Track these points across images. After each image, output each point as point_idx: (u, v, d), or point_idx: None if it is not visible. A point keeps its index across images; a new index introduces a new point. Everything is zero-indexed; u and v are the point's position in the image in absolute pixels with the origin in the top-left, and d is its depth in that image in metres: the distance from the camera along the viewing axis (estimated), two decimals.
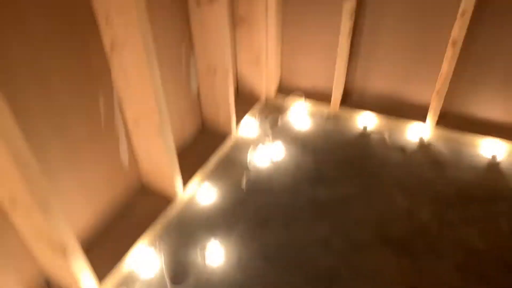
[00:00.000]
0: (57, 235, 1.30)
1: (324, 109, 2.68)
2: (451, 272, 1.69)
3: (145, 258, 1.74)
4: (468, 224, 1.89)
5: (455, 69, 2.23)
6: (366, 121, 2.55)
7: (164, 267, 1.73)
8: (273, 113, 2.69)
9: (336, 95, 2.62)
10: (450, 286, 1.64)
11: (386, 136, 2.46)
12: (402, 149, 2.37)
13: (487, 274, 1.68)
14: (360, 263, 1.74)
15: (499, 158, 2.26)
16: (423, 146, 2.38)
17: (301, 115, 2.64)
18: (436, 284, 1.65)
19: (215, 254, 1.77)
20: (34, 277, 1.55)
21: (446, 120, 2.44)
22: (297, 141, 2.45)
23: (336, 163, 2.29)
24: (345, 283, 1.66)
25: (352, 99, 2.69)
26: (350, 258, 1.76)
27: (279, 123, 2.60)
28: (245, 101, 2.69)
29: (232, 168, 2.26)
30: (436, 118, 2.42)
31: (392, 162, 2.28)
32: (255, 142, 2.40)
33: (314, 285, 1.67)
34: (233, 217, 1.97)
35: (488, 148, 2.31)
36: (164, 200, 1.97)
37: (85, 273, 1.49)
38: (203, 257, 1.76)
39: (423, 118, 2.47)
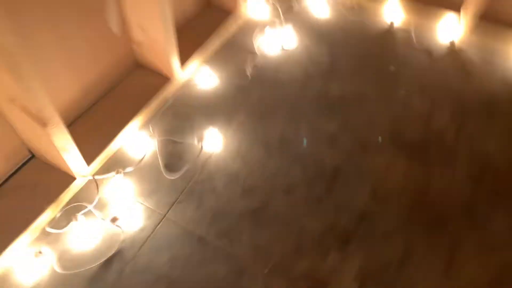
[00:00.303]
0: (31, 102, 1.13)
1: None
2: (463, 182, 1.58)
3: (138, 142, 1.62)
4: (488, 138, 1.74)
5: None
6: (393, 15, 2.23)
7: (158, 152, 1.61)
8: None
9: None
10: (460, 196, 1.55)
11: (413, 34, 2.17)
12: (429, 51, 2.10)
13: (502, 189, 1.57)
14: (366, 163, 1.63)
15: None
16: (454, 51, 2.10)
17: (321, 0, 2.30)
18: (445, 193, 1.55)
19: (213, 141, 1.64)
20: (17, 149, 1.43)
21: (484, 22, 2.13)
22: (313, 30, 2.16)
23: (353, 58, 2.04)
24: (347, 182, 1.57)
25: None
26: (356, 158, 1.64)
27: (295, 6, 2.27)
28: None
29: (236, 51, 2.02)
30: (474, 17, 2.10)
31: (415, 64, 2.03)
32: (265, 26, 2.11)
33: (314, 179, 1.57)
34: (234, 104, 1.80)
35: None
36: (159, 79, 1.77)
37: (71, 151, 1.36)
38: (200, 143, 1.64)
39: (458, 14, 2.16)
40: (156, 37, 1.62)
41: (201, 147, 1.63)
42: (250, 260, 1.37)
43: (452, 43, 2.14)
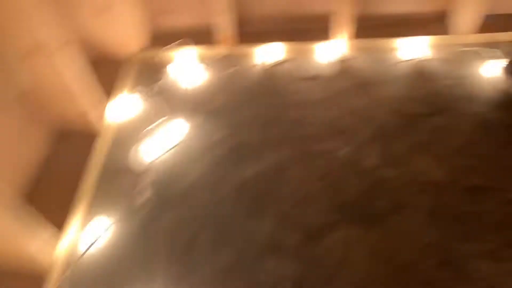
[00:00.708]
0: None
1: (215, 52, 2.06)
2: (424, 225, 1.40)
3: None
4: (421, 152, 1.59)
5: None
6: (269, 53, 2.02)
7: None
8: (151, 75, 2.00)
9: (226, 29, 2.00)
10: (424, 241, 1.36)
11: (297, 65, 1.98)
12: (318, 76, 1.92)
13: (460, 210, 1.42)
14: (322, 253, 1.36)
15: (423, 57, 1.95)
16: (341, 67, 1.96)
17: (189, 68, 1.99)
18: (412, 247, 1.35)
19: None
20: None
21: (358, 28, 2.02)
22: (195, 105, 1.85)
23: (253, 118, 1.77)
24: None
25: (247, 29, 2.11)
26: (307, 251, 1.36)
27: (162, 87, 1.93)
28: (105, 71, 1.93)
29: (119, 179, 1.60)
30: (348, 27, 1.98)
31: (312, 98, 1.83)
32: (140, 128, 1.74)
33: None
34: (142, 258, 1.38)
35: (409, 49, 1.97)
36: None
37: None
38: None
39: (331, 32, 2.03)
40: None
41: None
42: None
43: (336, 59, 1.98)
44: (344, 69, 1.95)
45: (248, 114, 1.80)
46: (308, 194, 1.51)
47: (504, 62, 1.81)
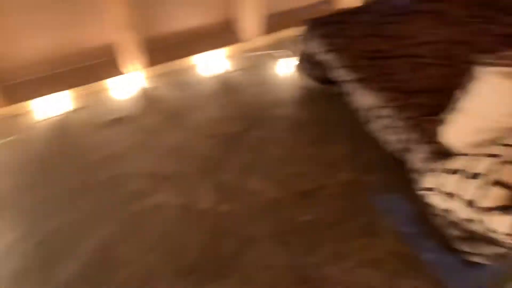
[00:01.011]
0: None
1: None
2: (274, 251, 1.36)
3: None
4: (250, 173, 1.54)
5: None
6: (53, 105, 1.66)
7: None
8: None
9: None
10: (279, 268, 1.32)
11: (92, 111, 1.69)
12: (121, 118, 1.68)
13: (297, 223, 1.41)
14: None
15: (223, 71, 1.91)
16: (144, 101, 1.76)
17: None
18: (273, 279, 1.30)
19: None
20: None
21: (150, 53, 1.83)
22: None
23: (52, 202, 1.42)
24: None
25: (9, 83, 1.67)
26: None
27: None
28: None
29: None
30: (139, 55, 1.77)
31: (122, 146, 1.60)
32: None
33: None
34: None
35: (208, 64, 1.90)
36: None
37: None
38: None
39: (120, 65, 1.79)
40: None
41: None
42: None
43: (138, 94, 1.78)
44: (148, 103, 1.75)
45: (48, 193, 1.44)
46: (148, 270, 1.28)
47: (295, 60, 1.90)
